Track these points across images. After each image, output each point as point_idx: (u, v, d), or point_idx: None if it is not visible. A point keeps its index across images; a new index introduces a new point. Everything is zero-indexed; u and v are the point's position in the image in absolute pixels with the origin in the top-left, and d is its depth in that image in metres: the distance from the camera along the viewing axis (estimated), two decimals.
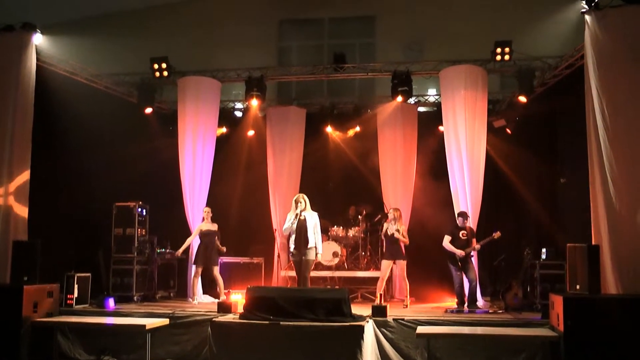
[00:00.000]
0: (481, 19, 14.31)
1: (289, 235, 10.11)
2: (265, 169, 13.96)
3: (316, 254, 10.01)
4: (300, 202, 9.94)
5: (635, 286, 8.06)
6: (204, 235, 11.50)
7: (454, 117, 11.40)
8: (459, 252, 10.41)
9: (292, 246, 9.99)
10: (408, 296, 11.02)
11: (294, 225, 9.90)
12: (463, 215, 10.67)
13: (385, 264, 11.04)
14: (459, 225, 10.62)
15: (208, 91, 12.57)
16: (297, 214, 9.87)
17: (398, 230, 10.94)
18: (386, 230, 11.13)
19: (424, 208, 12.81)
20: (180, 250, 11.58)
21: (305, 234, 9.86)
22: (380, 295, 9.99)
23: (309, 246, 9.87)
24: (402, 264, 10.98)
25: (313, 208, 10.14)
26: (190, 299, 11.58)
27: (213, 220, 11.65)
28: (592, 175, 8.72)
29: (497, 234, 10.35)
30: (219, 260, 11.92)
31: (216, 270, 11.47)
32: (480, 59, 11.67)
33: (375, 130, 13.59)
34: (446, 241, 10.56)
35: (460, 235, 10.53)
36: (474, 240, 10.60)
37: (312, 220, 9.99)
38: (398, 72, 11.93)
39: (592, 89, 8.71)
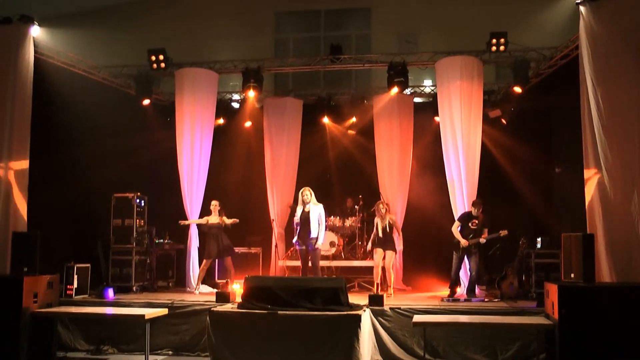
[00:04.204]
0: (476, 9, 14.34)
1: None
2: (262, 159, 14.03)
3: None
4: (306, 195, 10.39)
5: (629, 274, 8.12)
6: (209, 228, 11.49)
7: (449, 107, 11.43)
8: (463, 242, 10.49)
9: (295, 237, 10.48)
10: (391, 285, 11.09)
11: (297, 218, 10.48)
12: (475, 204, 10.65)
13: (378, 252, 11.05)
14: (473, 214, 10.64)
15: (205, 82, 12.56)
16: (303, 207, 10.39)
17: (390, 223, 11.03)
18: (381, 225, 11.06)
19: (420, 198, 12.88)
20: (187, 222, 11.78)
21: (308, 225, 10.29)
22: (377, 284, 10.03)
23: (310, 237, 10.29)
24: (390, 254, 11.00)
25: None
26: (189, 288, 11.68)
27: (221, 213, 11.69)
28: (586, 165, 8.76)
29: (503, 232, 10.41)
30: None
31: (229, 260, 11.54)
32: (475, 49, 11.70)
33: (372, 121, 13.62)
34: (454, 227, 10.67)
35: (470, 224, 10.59)
36: (486, 230, 10.62)
37: (316, 212, 10.38)
38: (394, 63, 11.96)
39: (587, 80, 8.73)
